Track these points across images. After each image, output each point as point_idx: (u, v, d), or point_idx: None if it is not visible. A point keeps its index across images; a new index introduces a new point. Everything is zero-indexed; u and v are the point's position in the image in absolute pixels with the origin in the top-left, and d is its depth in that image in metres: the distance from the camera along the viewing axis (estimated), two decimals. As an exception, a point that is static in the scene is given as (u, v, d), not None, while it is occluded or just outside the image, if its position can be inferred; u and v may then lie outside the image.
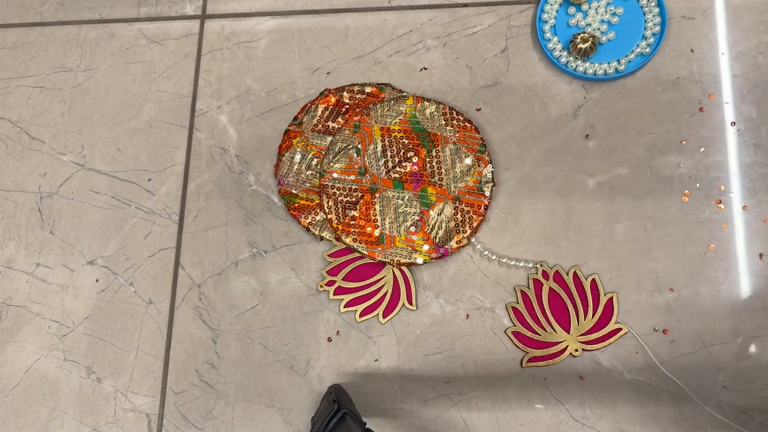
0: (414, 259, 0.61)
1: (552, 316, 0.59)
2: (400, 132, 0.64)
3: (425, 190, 0.62)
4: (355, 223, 0.62)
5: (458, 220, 0.62)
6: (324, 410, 0.54)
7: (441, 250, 0.61)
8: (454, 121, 0.64)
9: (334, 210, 0.62)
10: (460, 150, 0.63)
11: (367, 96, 0.66)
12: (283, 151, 0.66)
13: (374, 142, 0.64)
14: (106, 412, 0.63)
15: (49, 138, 0.71)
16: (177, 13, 0.74)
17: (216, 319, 0.64)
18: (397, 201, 0.62)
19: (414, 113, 0.65)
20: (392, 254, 0.61)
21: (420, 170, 0.63)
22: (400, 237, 0.62)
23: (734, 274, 0.59)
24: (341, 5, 0.71)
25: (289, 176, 0.65)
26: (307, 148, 0.65)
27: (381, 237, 0.62)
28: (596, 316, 0.59)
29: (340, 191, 0.63)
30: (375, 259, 0.62)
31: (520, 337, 0.60)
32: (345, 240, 0.62)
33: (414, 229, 0.62)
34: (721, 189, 0.61)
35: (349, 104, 0.66)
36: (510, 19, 0.68)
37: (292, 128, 0.67)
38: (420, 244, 0.61)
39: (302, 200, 0.64)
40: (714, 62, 0.64)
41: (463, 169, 0.63)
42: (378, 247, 0.61)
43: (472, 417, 0.59)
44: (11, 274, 0.67)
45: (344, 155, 0.64)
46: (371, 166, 0.64)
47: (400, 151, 0.63)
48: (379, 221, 0.62)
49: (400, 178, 0.63)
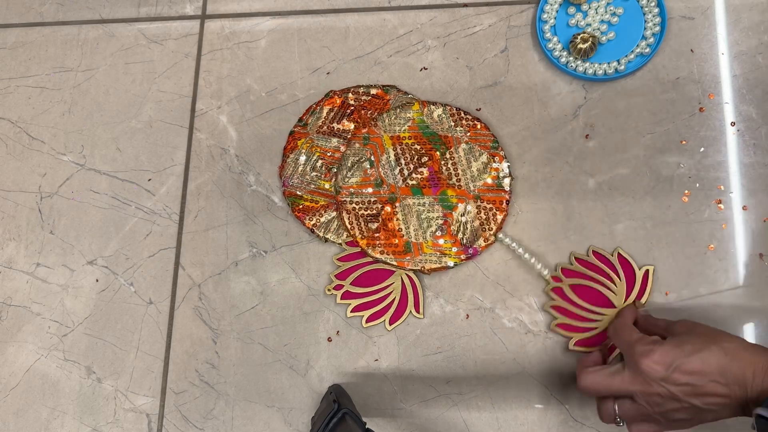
0: (445, 263, 0.61)
1: (590, 305, 0.58)
2: (410, 139, 0.64)
3: (445, 193, 0.62)
4: (379, 236, 0.62)
5: (482, 219, 0.61)
6: (324, 410, 0.54)
7: (470, 250, 0.61)
8: (463, 121, 0.64)
9: (356, 225, 0.62)
10: (473, 149, 0.63)
11: (372, 98, 0.66)
12: (287, 153, 0.66)
13: (386, 152, 0.64)
14: (106, 412, 0.63)
15: (49, 138, 0.71)
16: (177, 13, 0.74)
17: (216, 319, 0.64)
18: (419, 207, 0.62)
19: (422, 118, 0.64)
20: (422, 261, 0.61)
21: (437, 173, 0.62)
22: (427, 243, 0.61)
23: (734, 274, 0.59)
24: (341, 5, 0.71)
25: (293, 177, 0.65)
26: (312, 150, 0.65)
27: (408, 245, 0.61)
28: (621, 275, 0.58)
29: (359, 205, 0.63)
30: (405, 268, 0.61)
31: (567, 327, 0.59)
32: (372, 253, 0.61)
33: (440, 233, 0.61)
34: (721, 189, 0.61)
35: (354, 106, 0.66)
36: (510, 19, 0.68)
37: (297, 129, 0.67)
38: (448, 248, 0.61)
39: (307, 202, 0.64)
40: (714, 62, 0.64)
41: (479, 168, 0.62)
42: (407, 256, 0.61)
43: (472, 417, 0.59)
44: (11, 274, 0.67)
45: (358, 169, 0.63)
46: (387, 176, 0.63)
47: (414, 157, 0.63)
48: (403, 230, 0.62)
49: (417, 184, 0.63)
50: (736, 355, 0.44)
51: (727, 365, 0.44)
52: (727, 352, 0.44)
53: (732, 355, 0.44)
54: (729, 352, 0.44)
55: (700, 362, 0.44)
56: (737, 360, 0.44)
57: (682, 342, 0.46)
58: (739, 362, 0.44)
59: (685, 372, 0.44)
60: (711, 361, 0.44)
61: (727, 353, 0.44)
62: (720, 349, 0.45)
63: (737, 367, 0.44)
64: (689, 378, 0.44)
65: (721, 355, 0.44)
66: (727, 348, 0.45)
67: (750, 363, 0.44)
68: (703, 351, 0.45)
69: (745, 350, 0.45)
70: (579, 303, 0.59)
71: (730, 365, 0.44)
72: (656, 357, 0.45)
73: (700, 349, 0.45)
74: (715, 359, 0.44)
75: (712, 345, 0.45)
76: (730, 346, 0.45)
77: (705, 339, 0.46)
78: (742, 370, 0.43)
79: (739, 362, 0.44)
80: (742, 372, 0.43)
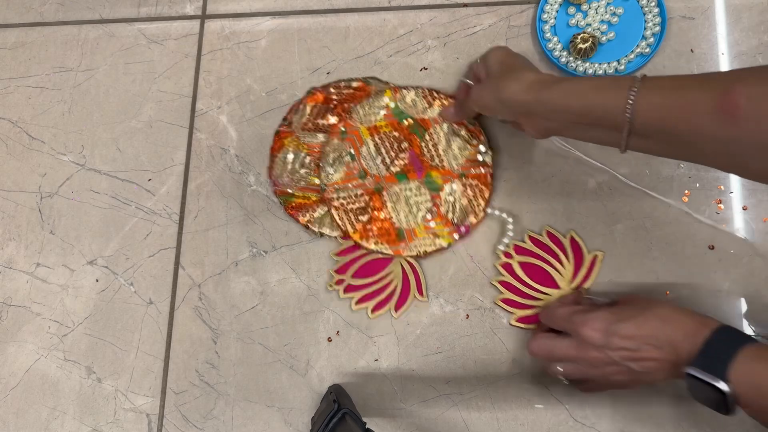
0: (439, 244, 0.61)
1: (536, 284, 0.60)
2: (387, 127, 0.64)
3: (429, 175, 0.63)
4: (371, 227, 0.62)
5: (470, 196, 0.62)
6: (324, 410, 0.54)
7: (462, 228, 0.61)
8: (436, 101, 0.65)
9: (346, 220, 0.62)
10: (451, 127, 0.64)
11: (354, 90, 0.66)
12: (275, 153, 0.66)
13: (365, 143, 0.64)
14: (106, 412, 0.63)
15: (50, 138, 0.71)
16: (177, 13, 0.74)
17: (216, 319, 0.64)
18: (406, 193, 0.62)
19: (395, 104, 0.65)
20: (416, 246, 0.61)
21: (419, 157, 0.63)
22: (419, 228, 0.62)
23: (734, 274, 0.59)
24: (341, 5, 0.71)
25: (283, 176, 0.65)
26: (299, 147, 0.65)
27: (401, 232, 0.62)
28: (570, 258, 0.60)
29: (347, 200, 0.63)
30: (402, 256, 0.62)
31: (510, 303, 0.60)
32: (367, 245, 0.62)
33: (430, 216, 0.62)
34: (721, 189, 0.61)
35: (337, 100, 0.66)
36: (510, 19, 0.68)
37: (283, 129, 0.67)
38: (440, 229, 0.62)
39: (299, 199, 0.64)
40: (714, 62, 0.64)
41: (459, 146, 0.63)
42: (401, 243, 0.62)
43: (472, 417, 0.59)
44: (11, 274, 0.67)
45: (340, 164, 0.64)
46: (369, 167, 0.64)
47: (393, 144, 0.64)
48: (394, 218, 0.62)
49: (401, 170, 0.63)
50: (668, 319, 0.47)
51: (659, 329, 0.46)
52: (659, 317, 0.47)
53: (664, 320, 0.47)
54: (661, 317, 0.47)
55: (635, 327, 0.47)
56: (669, 324, 0.46)
57: (618, 310, 0.49)
58: (671, 326, 0.46)
59: (622, 337, 0.47)
60: (645, 326, 0.47)
61: (660, 318, 0.47)
62: (653, 315, 0.47)
63: (669, 330, 0.46)
64: (626, 342, 0.47)
65: (654, 319, 0.47)
66: (660, 313, 0.47)
67: (681, 326, 0.46)
68: (637, 317, 0.47)
69: (677, 314, 0.47)
70: (525, 281, 0.60)
71: (663, 329, 0.46)
72: (595, 324, 0.48)
73: (635, 315, 0.48)
74: (649, 324, 0.47)
75: (646, 311, 0.48)
76: (663, 312, 0.48)
77: (640, 306, 0.49)
78: (674, 333, 0.46)
79: (671, 326, 0.46)
80: (674, 335, 0.46)
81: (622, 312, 0.49)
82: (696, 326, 0.46)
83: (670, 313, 0.47)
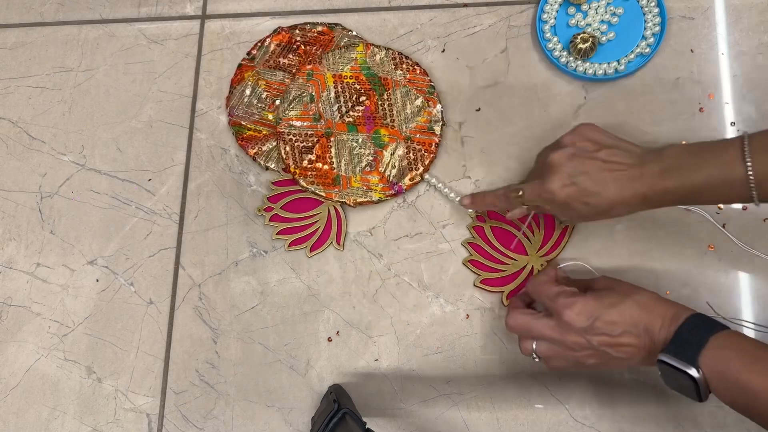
0: (370, 197, 0.63)
1: (506, 249, 0.61)
2: (351, 78, 0.66)
3: (378, 132, 0.65)
4: (311, 167, 0.64)
5: (411, 159, 0.64)
6: (324, 410, 0.54)
7: (395, 187, 0.63)
8: (403, 65, 0.66)
9: (291, 155, 0.65)
10: (410, 92, 0.65)
11: (318, 34, 0.68)
12: (235, 84, 0.69)
13: (327, 89, 0.66)
14: (106, 412, 0.63)
15: (50, 138, 0.71)
16: (177, 13, 0.74)
17: (216, 319, 0.64)
18: (352, 143, 0.64)
19: (365, 59, 0.67)
20: (348, 194, 0.63)
21: (373, 113, 0.65)
22: (355, 177, 0.64)
23: (734, 274, 0.59)
24: (341, 5, 0.71)
25: (239, 108, 0.67)
26: (258, 82, 0.68)
27: (337, 178, 0.64)
28: (542, 226, 0.61)
29: (297, 137, 0.65)
30: (332, 200, 0.64)
31: (478, 265, 0.62)
32: (302, 183, 0.64)
33: (369, 169, 0.64)
34: (721, 189, 0.61)
35: (300, 42, 0.68)
36: (510, 19, 0.68)
37: (245, 62, 0.69)
38: (375, 183, 0.64)
39: (251, 131, 0.67)
40: (714, 62, 0.64)
41: (413, 110, 0.65)
42: (335, 188, 0.64)
43: (472, 417, 0.59)
44: (11, 274, 0.67)
45: (299, 103, 0.66)
46: (325, 111, 0.66)
47: (353, 96, 0.66)
48: (335, 164, 0.64)
49: (353, 121, 0.65)
50: (647, 307, 0.48)
51: (639, 317, 0.47)
52: (639, 305, 0.48)
53: (643, 308, 0.48)
54: (641, 305, 0.48)
55: (618, 314, 0.48)
56: (648, 312, 0.47)
57: (601, 296, 0.50)
58: (650, 314, 0.47)
59: (605, 323, 0.48)
60: (626, 313, 0.48)
61: (640, 306, 0.48)
62: (634, 302, 0.48)
63: (648, 318, 0.47)
64: (607, 328, 0.48)
65: (635, 307, 0.48)
66: (640, 301, 0.48)
67: (659, 314, 0.47)
68: (620, 304, 0.48)
69: (656, 303, 0.48)
70: (495, 245, 0.62)
71: (641, 316, 0.47)
72: (578, 308, 0.49)
73: (618, 302, 0.49)
74: (630, 311, 0.48)
75: (627, 299, 0.49)
76: (643, 299, 0.49)
77: (622, 293, 0.50)
78: (652, 321, 0.47)
79: (649, 314, 0.47)
80: (651, 323, 0.47)
81: (605, 298, 0.49)
82: (673, 314, 0.47)
83: (649, 301, 0.48)
